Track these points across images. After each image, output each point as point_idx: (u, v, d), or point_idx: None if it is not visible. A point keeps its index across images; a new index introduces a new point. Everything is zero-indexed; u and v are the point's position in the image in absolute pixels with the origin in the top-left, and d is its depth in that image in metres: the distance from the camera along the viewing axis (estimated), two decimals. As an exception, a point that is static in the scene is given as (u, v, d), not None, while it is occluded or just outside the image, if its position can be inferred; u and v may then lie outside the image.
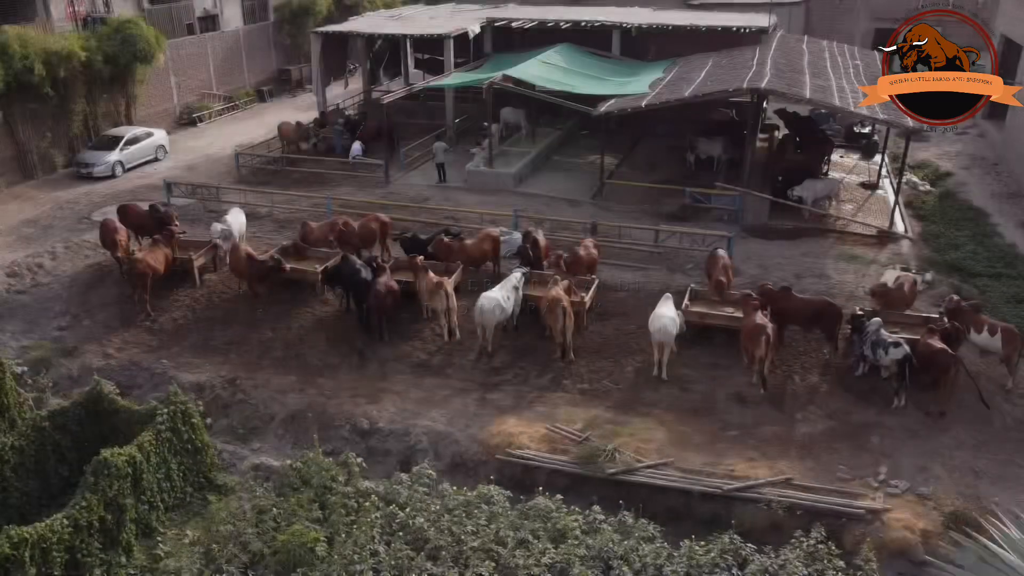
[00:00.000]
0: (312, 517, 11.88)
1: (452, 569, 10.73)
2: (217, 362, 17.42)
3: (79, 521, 11.64)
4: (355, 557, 10.93)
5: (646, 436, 14.54)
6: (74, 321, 19.12)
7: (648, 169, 29.05)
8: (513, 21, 33.42)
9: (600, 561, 10.97)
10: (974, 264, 21.32)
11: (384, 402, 15.83)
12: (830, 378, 16.11)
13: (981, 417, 14.99)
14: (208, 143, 34.04)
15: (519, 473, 13.97)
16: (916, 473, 13.63)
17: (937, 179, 28.59)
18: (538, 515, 11.87)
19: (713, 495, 13.06)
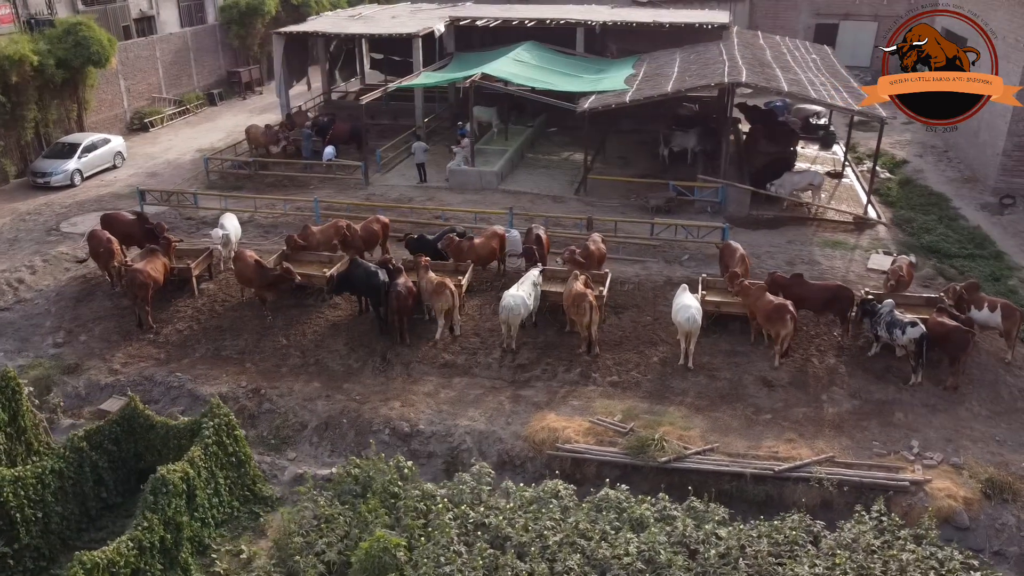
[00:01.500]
0: (385, 523, 11.74)
1: (541, 564, 10.78)
2: (233, 372, 16.96)
3: (143, 542, 11.23)
4: (441, 559, 10.86)
5: (685, 424, 14.87)
6: (70, 337, 18.29)
7: (621, 164, 29.57)
8: (478, 20, 33.42)
9: (682, 547, 11.21)
10: (948, 246, 22.48)
11: (418, 404, 15.71)
12: (846, 359, 16.76)
13: (989, 389, 15.89)
14: (165, 149, 32.95)
15: (569, 467, 14.09)
16: (944, 444, 14.36)
17: (895, 167, 29.97)
18: (610, 506, 12.03)
19: (764, 476, 13.46)
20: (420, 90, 31.03)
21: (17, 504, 11.91)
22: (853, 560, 10.75)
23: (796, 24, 43.53)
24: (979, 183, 27.28)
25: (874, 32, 43.07)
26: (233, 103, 41.23)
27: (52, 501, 12.46)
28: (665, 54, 31.18)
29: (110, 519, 13.34)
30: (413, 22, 33.45)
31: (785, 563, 10.79)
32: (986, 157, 27.06)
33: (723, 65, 25.96)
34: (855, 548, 11.06)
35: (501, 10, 35.82)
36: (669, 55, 30.77)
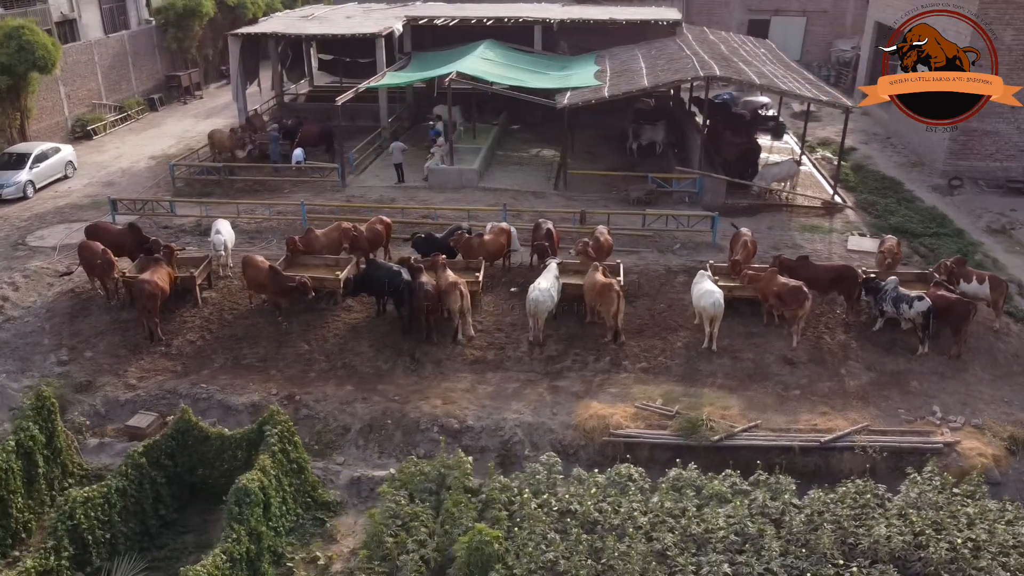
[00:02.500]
0: (472, 517, 11.83)
1: (639, 544, 11.11)
2: (259, 381, 16.62)
3: (233, 554, 11.00)
4: (541, 547, 11.06)
5: (723, 404, 15.48)
6: (74, 354, 17.51)
7: (590, 158, 30.10)
8: (436, 19, 33.40)
9: (764, 518, 11.75)
10: (914, 226, 23.92)
11: (460, 401, 15.79)
12: (854, 335, 17.73)
13: (986, 356, 17.13)
14: (114, 157, 31.64)
15: (622, 451, 14.47)
16: (962, 408, 15.45)
17: (845, 153, 31.54)
18: (687, 485, 12.47)
19: (811, 448, 14.18)
20: (384, 90, 30.80)
21: (88, 526, 11.45)
22: (924, 518, 11.49)
23: (730, 20, 45.16)
24: (926, 167, 29.07)
25: (803, 27, 45.18)
26: (174, 108, 39.86)
27: (118, 521, 12.02)
28: (623, 50, 31.95)
29: (169, 536, 12.96)
30: (370, 22, 33.16)
31: (865, 525, 11.45)
32: (932, 143, 28.83)
33: (690, 60, 26.83)
34: (921, 506, 11.82)
35: (454, 9, 35.88)
36: (628, 51, 31.56)
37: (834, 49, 44.11)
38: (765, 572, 10.66)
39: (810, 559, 10.88)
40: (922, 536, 11.14)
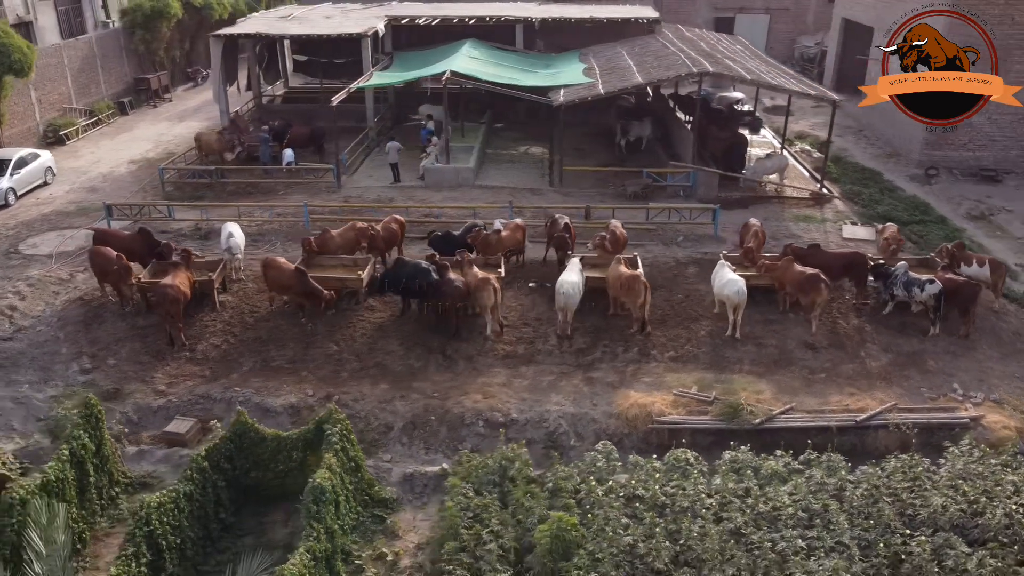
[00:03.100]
0: (545, 506, 12.04)
1: (711, 526, 11.47)
2: (292, 382, 16.53)
3: (316, 553, 11.01)
4: (619, 531, 11.33)
5: (756, 389, 15.97)
6: (96, 362, 17.16)
7: (579, 155, 30.46)
8: (418, 19, 33.41)
9: (823, 493, 12.22)
10: (900, 215, 24.84)
11: (499, 395, 15.96)
12: (866, 319, 18.42)
13: (990, 335, 17.98)
14: (92, 162, 30.88)
15: (665, 438, 14.83)
16: (979, 384, 16.22)
17: (821, 146, 32.55)
18: (744, 466, 12.88)
19: (847, 427, 14.74)
20: (371, 91, 30.69)
21: (162, 531, 11.32)
22: (975, 487, 12.10)
23: (696, 17, 46.01)
24: (902, 157, 30.19)
25: (767, 24, 46.35)
26: (144, 112, 39.00)
27: (187, 526, 11.89)
28: (606, 48, 32.44)
29: (229, 540, 12.86)
30: (351, 22, 33.02)
31: (920, 496, 12.00)
32: (907, 134, 29.92)
33: (678, 57, 27.41)
34: (967, 477, 12.44)
35: (431, 8, 35.90)
36: (611, 49, 32.05)
37: (798, 46, 45.37)
38: (836, 545, 11.10)
39: (874, 531, 11.37)
40: (976, 504, 11.73)
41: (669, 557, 10.95)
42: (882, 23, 32.87)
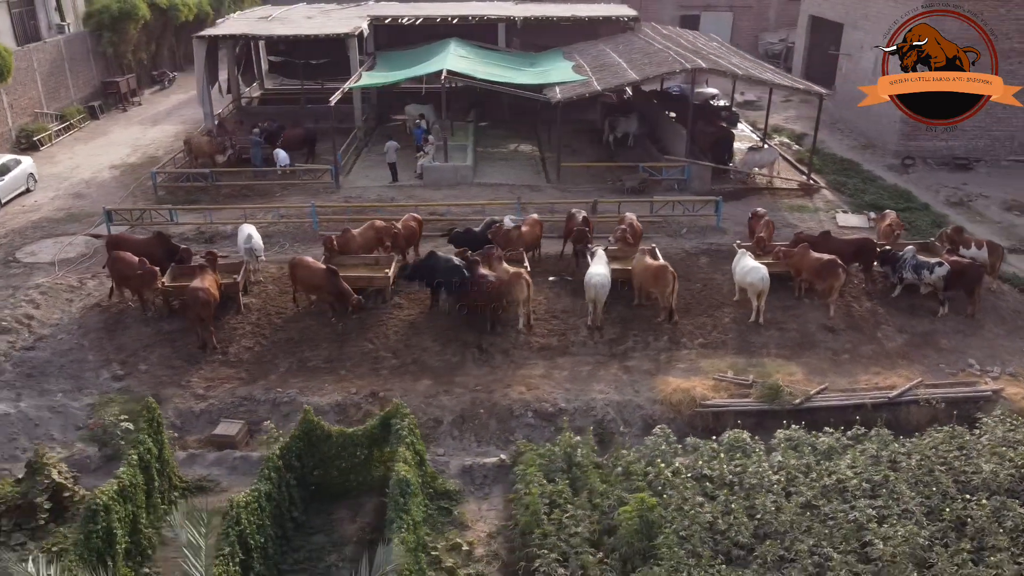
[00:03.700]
0: (624, 488, 12.41)
1: (783, 500, 11.99)
2: (332, 381, 16.56)
3: (408, 545, 11.16)
4: (697, 510, 11.76)
5: (787, 371, 16.59)
6: (127, 368, 16.89)
7: (569, 151, 30.82)
8: (401, 18, 33.42)
9: (880, 464, 12.86)
10: (886, 203, 25.87)
11: (542, 387, 16.25)
12: (878, 302, 19.24)
13: (992, 313, 18.95)
14: (71, 168, 30.12)
15: (710, 421, 15.34)
16: (992, 360, 17.13)
17: (798, 139, 33.68)
18: (799, 443, 13.45)
19: (881, 404, 15.45)
20: (358, 91, 30.61)
21: (250, 531, 11.33)
22: (1018, 454, 12.88)
23: (663, 15, 46.95)
24: (878, 148, 31.39)
25: (730, 21, 47.54)
26: (115, 116, 38.09)
27: (268, 525, 11.90)
28: (588, 46, 32.97)
29: (301, 538, 12.88)
30: (333, 22, 32.86)
31: (970, 464, 12.73)
32: (882, 126, 31.13)
33: (666, 53, 28.07)
34: (1009, 444, 13.23)
35: (408, 8, 35.94)
36: (594, 47, 32.59)
37: (762, 42, 46.65)
38: (903, 512, 11.72)
39: (935, 497, 12.04)
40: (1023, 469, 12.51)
41: (750, 532, 11.41)
42: (851, 19, 34.26)
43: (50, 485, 13.03)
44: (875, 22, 32.06)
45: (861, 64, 33.05)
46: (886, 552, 10.78)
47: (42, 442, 14.86)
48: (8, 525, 12.81)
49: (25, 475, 13.16)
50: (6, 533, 12.67)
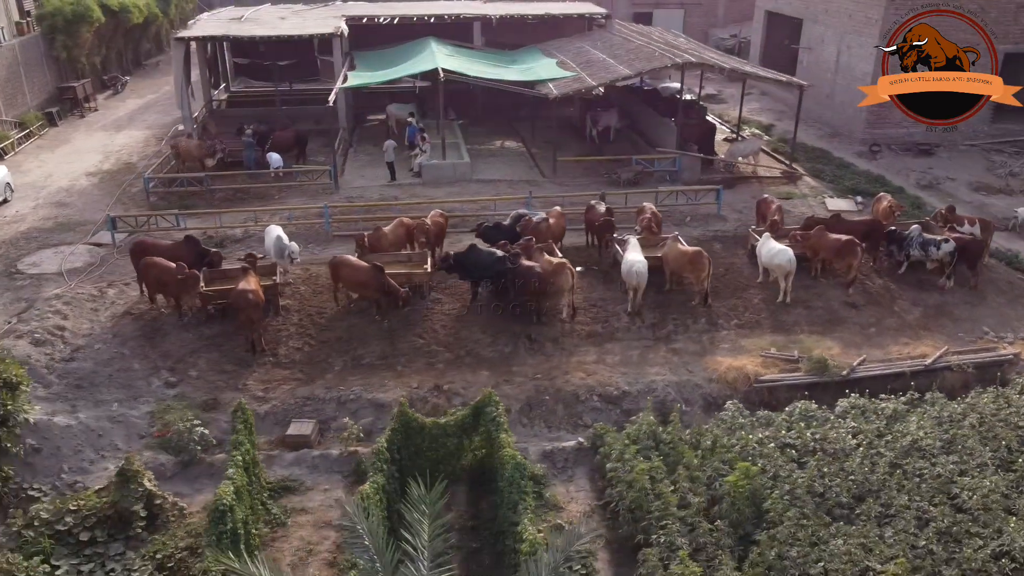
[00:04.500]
0: (721, 458, 13.04)
1: (862, 461, 12.81)
2: (392, 377, 16.68)
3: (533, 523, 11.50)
4: (794, 476, 12.47)
5: (826, 345, 17.53)
6: (178, 375, 16.60)
7: (553, 146, 31.31)
8: (377, 18, 33.34)
9: (943, 423, 13.85)
10: (865, 187, 27.37)
11: (599, 372, 16.75)
12: (888, 278, 20.43)
13: (990, 285, 20.38)
14: (43, 176, 28.97)
15: (765, 396, 16.12)
16: (1003, 327, 18.49)
17: (766, 129, 35.09)
18: (866, 410, 14.35)
19: (918, 371, 16.52)
20: (343, 92, 30.39)
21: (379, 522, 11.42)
22: (1059, 410, 14.10)
23: (617, 12, 47.54)
24: (845, 137, 33.00)
25: (682, 18, 48.94)
26: (73, 122, 36.65)
27: (384, 517, 12.00)
28: (564, 43, 33.61)
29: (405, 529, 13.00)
30: (309, 23, 32.59)
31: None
32: (847, 115, 32.78)
33: (651, 48, 28.95)
34: (1048, 402, 14.45)
35: (379, 7, 35.87)
36: (570, 44, 33.25)
37: (712, 38, 48.14)
38: (979, 465, 12.69)
39: (1002, 451, 13.06)
40: (1073, 422, 13.70)
41: (849, 492, 12.18)
42: (811, 14, 35.87)
43: (144, 493, 12.81)
44: (836, 16, 33.78)
45: (823, 57, 34.70)
46: (977, 502, 11.68)
47: (107, 452, 14.56)
48: (103, 535, 12.55)
49: (115, 484, 12.89)
50: (103, 544, 12.42)
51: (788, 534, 11.32)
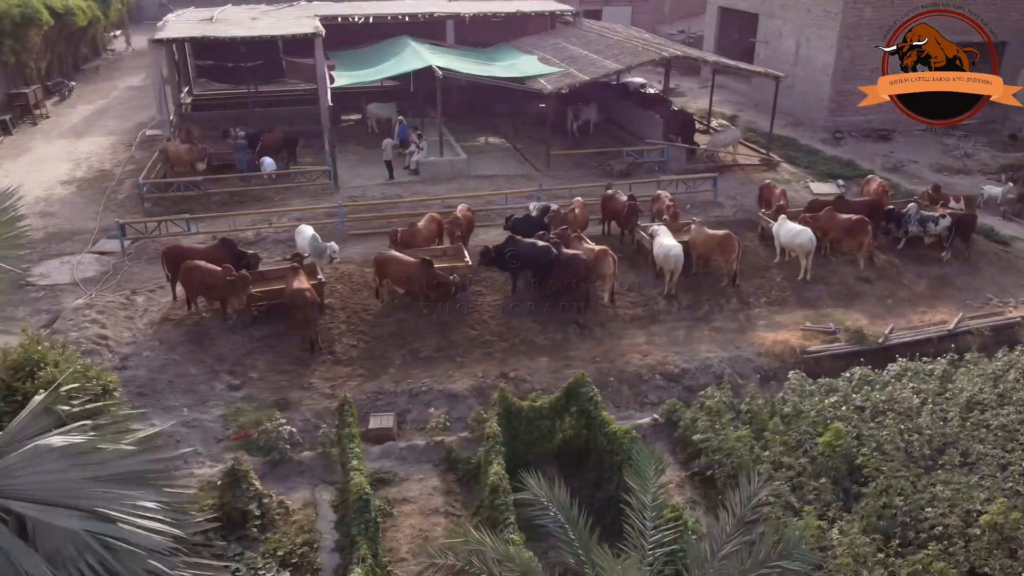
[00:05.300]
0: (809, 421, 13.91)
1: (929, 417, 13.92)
2: (454, 368, 16.91)
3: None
4: (879, 432, 13.44)
5: (853, 317, 18.71)
6: (238, 377, 16.41)
7: (535, 141, 31.89)
8: (351, 17, 33.19)
9: (990, 380, 15.10)
10: (839, 171, 29.06)
11: (653, 352, 17.42)
12: (891, 254, 21.82)
13: (979, 256, 22.05)
14: (12, 185, 27.33)
15: (811, 366, 17.12)
16: (1004, 293, 20.08)
17: (731, 120, 36.55)
18: (916, 371, 15.49)
19: (943, 336, 17.84)
20: (327, 92, 30.16)
21: (511, 501, 11.77)
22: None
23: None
24: (807, 125, 34.73)
25: (630, 15, 50.26)
26: (27, 130, 34.94)
27: (506, 498, 12.35)
28: (537, 39, 34.28)
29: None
30: (284, 23, 32.10)
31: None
32: (809, 105, 34.54)
33: (633, 43, 29.92)
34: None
35: (349, 7, 35.67)
36: (543, 40, 33.94)
37: (661, 34, 49.61)
38: (1032, 415, 13.96)
39: (1046, 401, 14.40)
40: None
41: (931, 445, 13.22)
42: (767, 9, 37.55)
43: (256, 493, 12.76)
44: (793, 11, 35.52)
45: (781, 50, 36.41)
46: (1050, 447, 12.90)
47: (189, 457, 14.36)
48: (216, 536, 12.43)
49: (224, 485, 12.78)
50: (221, 547, 12.31)
51: (888, 485, 12.22)
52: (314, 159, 29.12)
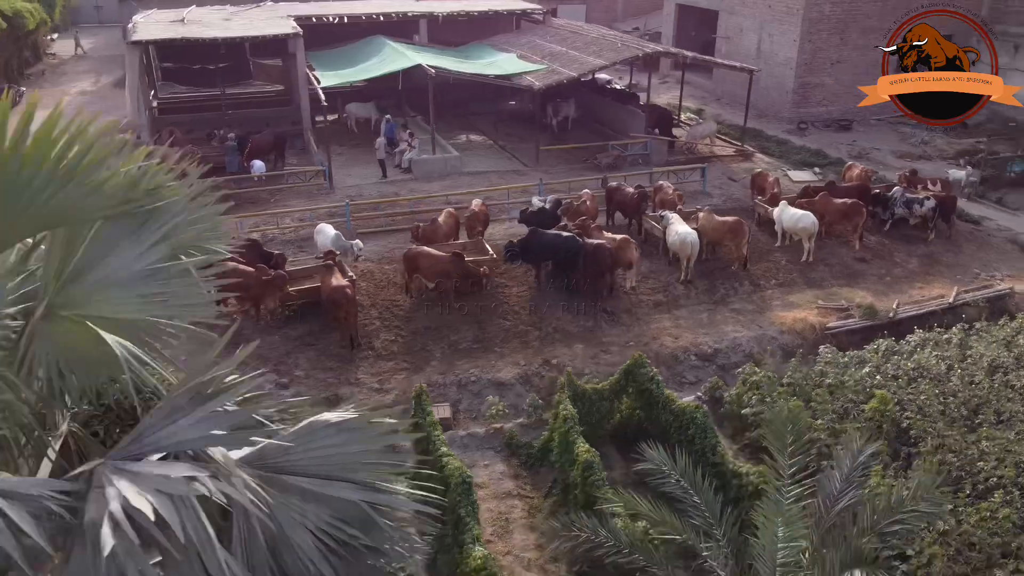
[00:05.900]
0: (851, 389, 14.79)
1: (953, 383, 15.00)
2: (493, 359, 17.28)
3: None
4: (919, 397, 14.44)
5: (859, 294, 19.82)
6: (283, 375, 16.46)
7: (515, 137, 32.40)
8: (325, 17, 33.04)
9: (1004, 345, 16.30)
10: (813, 160, 30.44)
11: (683, 335, 18.14)
12: (880, 235, 23.09)
13: (958, 236, 23.55)
14: None
15: (831, 340, 18.09)
16: (989, 268, 21.51)
17: (698, 113, 37.75)
18: (939, 340, 16.58)
19: (945, 309, 19.08)
20: (306, 93, 30.04)
21: (600, 477, 12.26)
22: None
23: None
24: (771, 117, 36.13)
25: (584, 13, 51.19)
26: (-14, 137, 33.70)
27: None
28: (511, 37, 34.76)
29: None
30: (260, 24, 31.80)
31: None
32: (772, 97, 35.93)
33: (612, 40, 30.71)
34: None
35: (317, 7, 35.47)
36: (517, 38, 34.44)
37: (617, 31, 50.74)
38: (1053, 376, 15.17)
39: (1063, 364, 15.64)
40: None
41: (968, 406, 14.26)
42: (727, 6, 38.87)
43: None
44: (754, 8, 36.91)
45: (743, 45, 37.77)
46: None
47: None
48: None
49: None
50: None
51: (940, 444, 13.17)
52: (297, 160, 28.97)
